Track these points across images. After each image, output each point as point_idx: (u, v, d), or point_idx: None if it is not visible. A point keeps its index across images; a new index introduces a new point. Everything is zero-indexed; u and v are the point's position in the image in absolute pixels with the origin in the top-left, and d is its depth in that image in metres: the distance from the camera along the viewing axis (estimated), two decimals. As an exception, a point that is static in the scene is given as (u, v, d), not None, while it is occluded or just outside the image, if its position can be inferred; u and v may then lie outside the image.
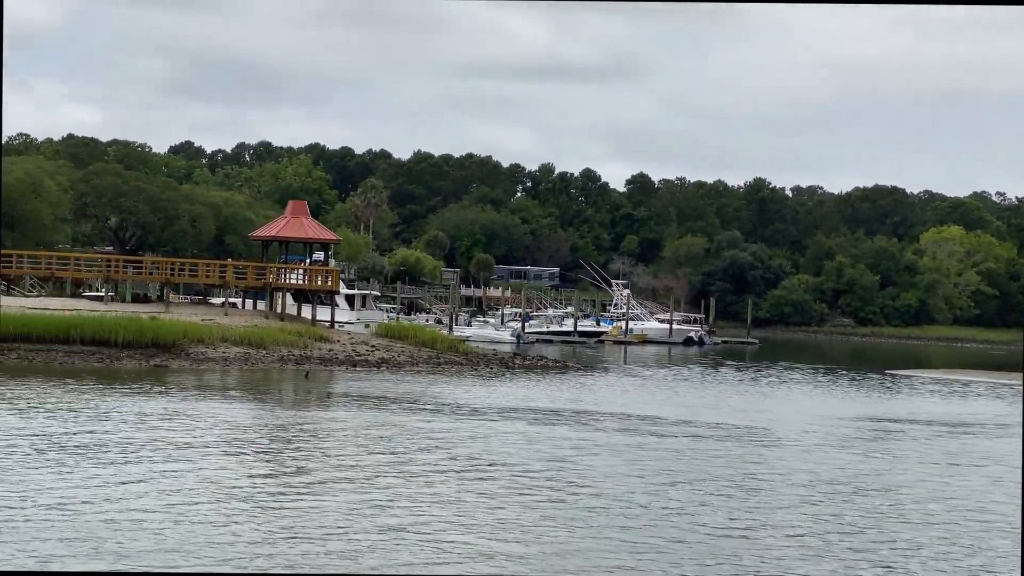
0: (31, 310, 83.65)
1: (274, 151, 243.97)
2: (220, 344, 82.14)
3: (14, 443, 40.69)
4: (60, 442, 41.70)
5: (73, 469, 36.36)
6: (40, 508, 30.15)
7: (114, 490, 33.04)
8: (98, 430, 45.18)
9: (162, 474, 35.96)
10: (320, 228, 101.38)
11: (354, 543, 27.77)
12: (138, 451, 40.59)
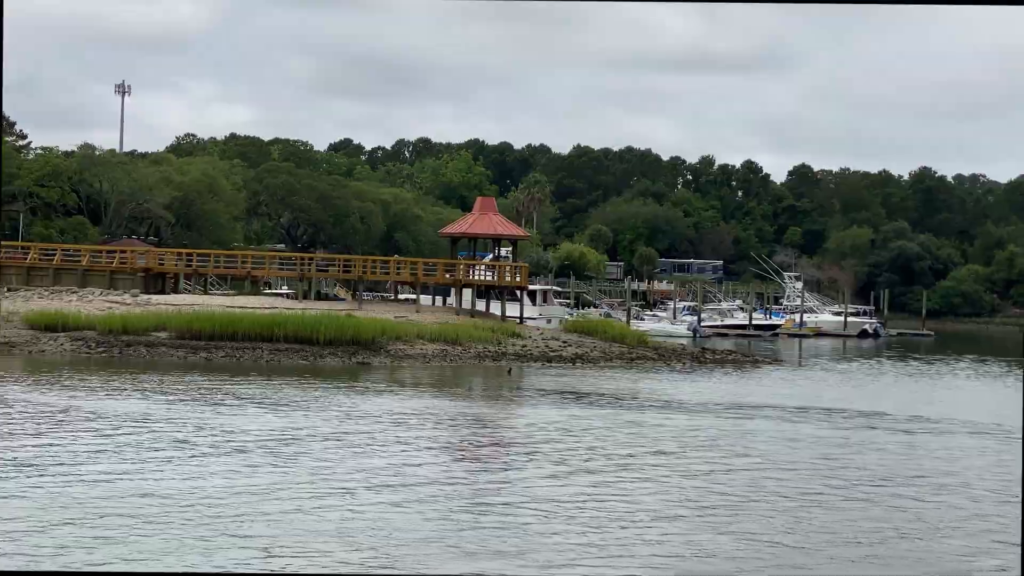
0: (231, 308, 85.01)
1: (433, 147, 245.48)
2: (417, 341, 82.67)
3: (296, 438, 41.20)
4: (341, 438, 42.28)
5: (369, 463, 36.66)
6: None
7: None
8: (367, 428, 45.52)
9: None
10: (509, 224, 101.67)
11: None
12: (426, 449, 40.88)
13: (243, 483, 33.24)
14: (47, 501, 29.66)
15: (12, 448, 37.58)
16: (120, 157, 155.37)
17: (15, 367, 66.70)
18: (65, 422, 44.28)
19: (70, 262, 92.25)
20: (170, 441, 40.58)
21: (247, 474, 34.77)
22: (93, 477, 33.23)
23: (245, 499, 30.83)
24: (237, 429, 44.10)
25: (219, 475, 34.35)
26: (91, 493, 30.74)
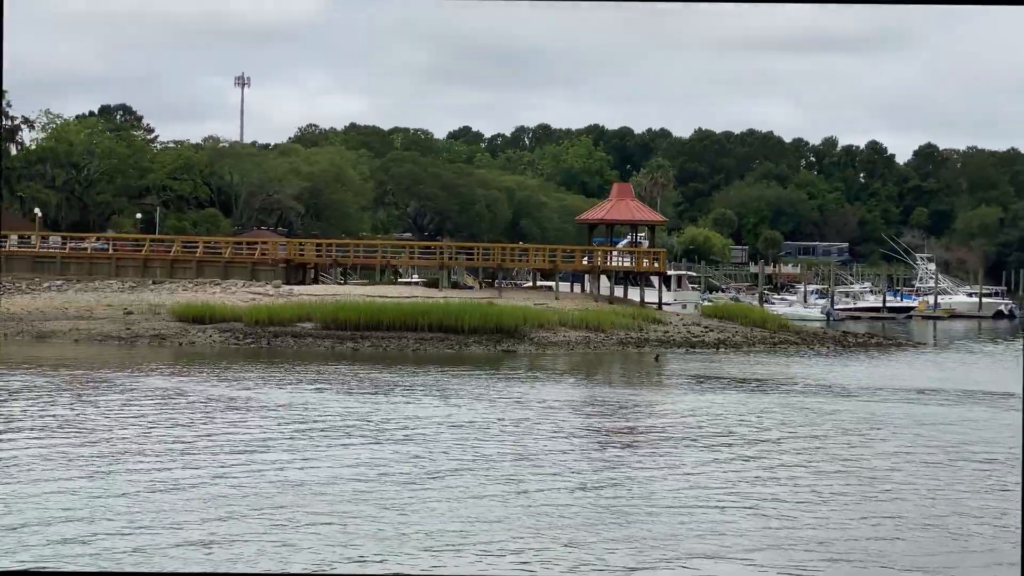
0: (372, 298, 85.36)
1: (553, 133, 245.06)
2: (559, 328, 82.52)
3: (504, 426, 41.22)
4: (517, 424, 42.26)
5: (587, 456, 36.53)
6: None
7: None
8: (537, 416, 45.44)
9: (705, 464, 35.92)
10: (646, 209, 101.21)
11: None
12: (644, 440, 40.75)
13: (431, 469, 33.25)
14: (309, 489, 29.85)
15: (234, 442, 37.92)
16: (249, 149, 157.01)
17: (175, 359, 67.42)
18: (256, 413, 44.65)
19: (212, 254, 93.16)
20: (359, 431, 40.72)
21: (435, 462, 34.77)
22: (307, 465, 33.47)
23: (435, 490, 30.79)
24: (416, 418, 44.18)
25: (409, 462, 34.38)
26: (314, 477, 30.90)
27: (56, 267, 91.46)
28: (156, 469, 32.89)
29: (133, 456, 34.81)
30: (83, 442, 36.98)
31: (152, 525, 26.25)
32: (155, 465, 33.46)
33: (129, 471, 32.44)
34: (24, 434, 38.56)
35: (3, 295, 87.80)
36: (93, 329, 79.87)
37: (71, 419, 41.95)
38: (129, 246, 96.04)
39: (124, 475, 31.85)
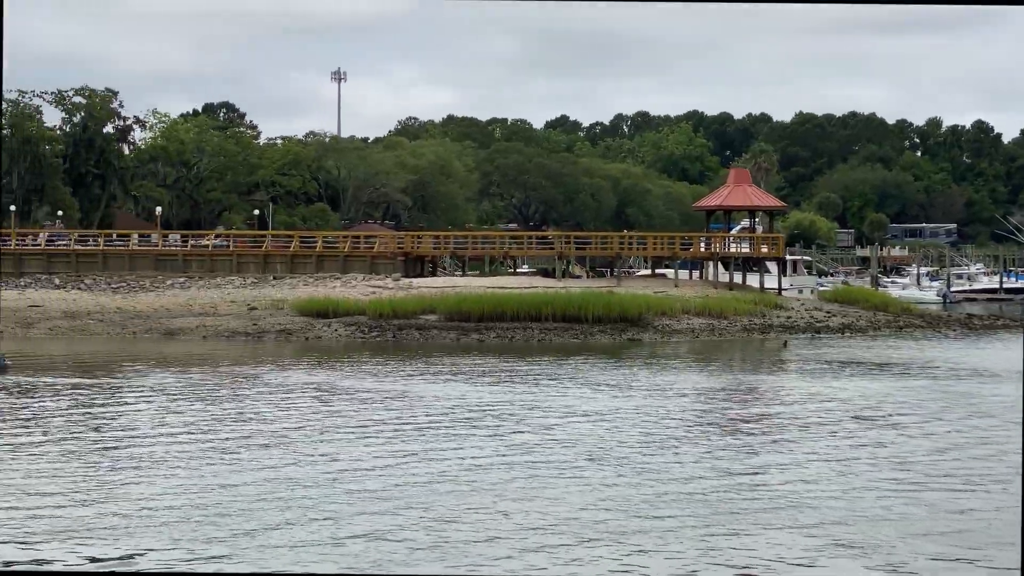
0: (492, 289, 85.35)
1: (652, 120, 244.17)
2: (682, 316, 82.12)
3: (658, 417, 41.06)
4: (675, 414, 42.02)
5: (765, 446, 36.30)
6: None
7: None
8: (687, 404, 45.21)
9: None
10: (764, 195, 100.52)
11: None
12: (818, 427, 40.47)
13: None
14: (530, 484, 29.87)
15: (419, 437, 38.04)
16: (356, 143, 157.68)
17: (306, 353, 67.73)
18: (418, 406, 44.67)
19: (331, 249, 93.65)
20: (518, 421, 40.71)
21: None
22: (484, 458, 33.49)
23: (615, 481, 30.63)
24: (569, 407, 44.08)
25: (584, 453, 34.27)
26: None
27: (178, 265, 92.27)
28: (339, 459, 33.07)
29: (318, 448, 35.04)
30: (266, 437, 37.28)
31: (358, 512, 26.34)
32: (340, 456, 33.65)
33: (321, 462, 32.69)
34: (209, 429, 38.89)
35: (128, 293, 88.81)
36: (220, 326, 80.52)
37: (247, 414, 42.33)
38: (249, 242, 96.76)
39: (317, 466, 32.09)
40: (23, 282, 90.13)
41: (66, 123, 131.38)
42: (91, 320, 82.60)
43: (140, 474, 31.51)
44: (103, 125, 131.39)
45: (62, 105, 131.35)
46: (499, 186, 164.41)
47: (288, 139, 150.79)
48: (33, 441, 36.68)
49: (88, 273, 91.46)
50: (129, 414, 42.71)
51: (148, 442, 36.56)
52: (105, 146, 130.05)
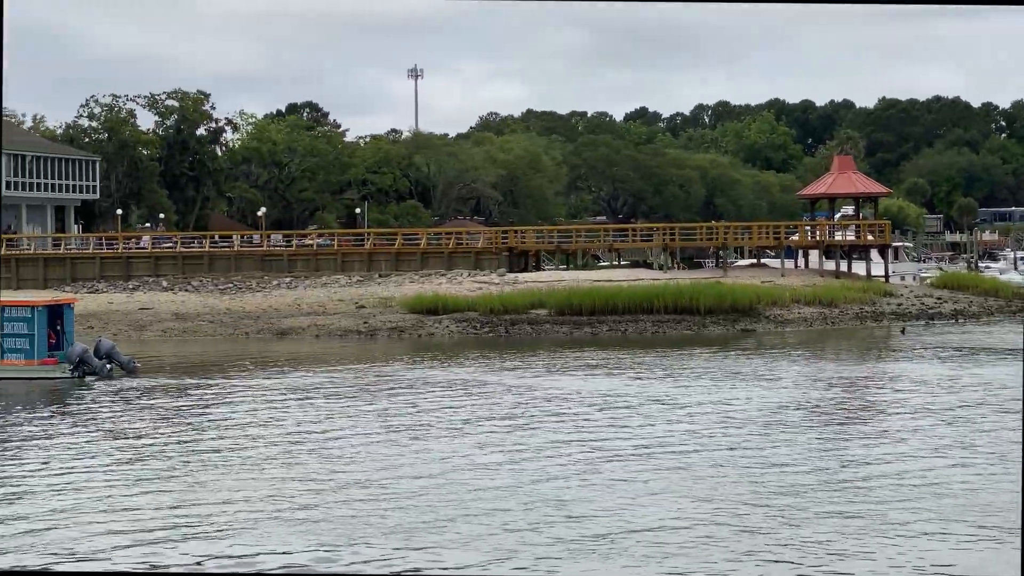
0: (598, 283, 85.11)
1: (733, 110, 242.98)
2: (793, 305, 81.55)
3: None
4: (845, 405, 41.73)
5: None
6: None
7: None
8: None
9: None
10: (869, 181, 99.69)
11: None
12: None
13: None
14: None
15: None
16: (444, 140, 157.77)
17: (426, 350, 67.82)
18: (568, 400, 44.66)
19: (435, 246, 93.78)
20: (667, 413, 40.57)
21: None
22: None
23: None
24: (708, 400, 43.90)
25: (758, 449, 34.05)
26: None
27: (283, 265, 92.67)
28: (512, 454, 33.06)
29: (500, 442, 35.10)
30: (445, 429, 37.43)
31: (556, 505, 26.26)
32: (517, 452, 33.69)
33: (508, 458, 32.73)
34: (383, 424, 39.04)
35: (235, 294, 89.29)
36: (331, 325, 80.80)
37: (414, 410, 42.56)
38: (353, 241, 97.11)
39: (509, 465, 32.13)
40: (131, 285, 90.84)
41: (159, 126, 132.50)
42: (202, 322, 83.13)
43: (335, 469, 31.58)
44: (196, 127, 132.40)
45: (155, 108, 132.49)
46: (587, 179, 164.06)
47: (377, 137, 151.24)
48: (210, 440, 36.90)
49: (195, 275, 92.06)
50: (294, 413, 42.90)
51: (338, 438, 36.69)
52: (199, 148, 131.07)
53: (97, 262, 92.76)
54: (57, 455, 34.88)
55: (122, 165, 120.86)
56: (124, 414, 43.78)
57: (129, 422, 41.64)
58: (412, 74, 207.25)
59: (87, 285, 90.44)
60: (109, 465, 33.32)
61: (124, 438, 38.15)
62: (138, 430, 39.72)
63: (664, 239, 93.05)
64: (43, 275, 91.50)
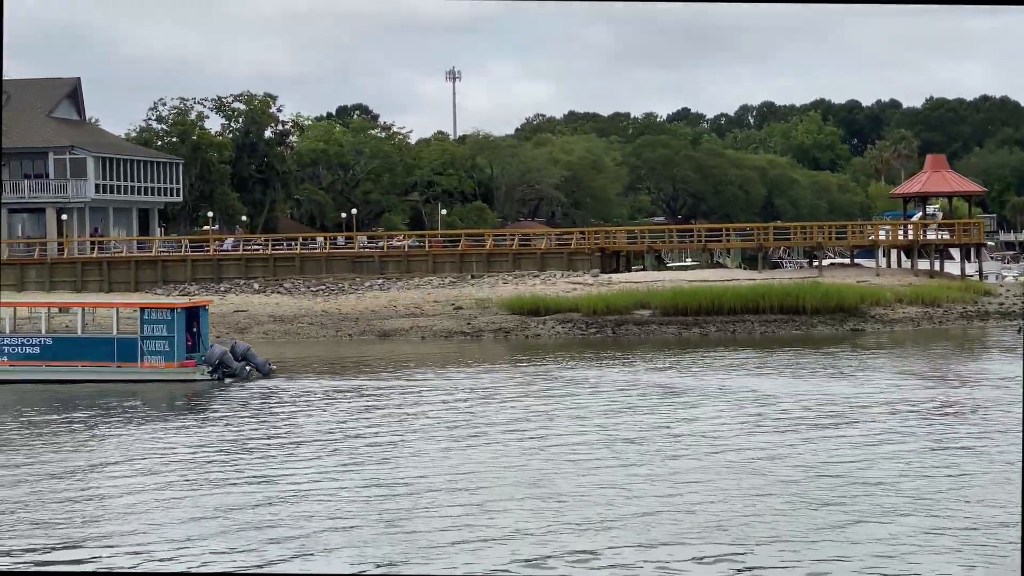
0: (693, 283, 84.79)
1: (778, 110, 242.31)
2: (896, 305, 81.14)
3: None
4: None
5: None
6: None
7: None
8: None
9: None
10: (963, 180, 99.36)
11: None
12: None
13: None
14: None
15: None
16: (508, 140, 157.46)
17: (540, 350, 67.54)
18: (728, 400, 44.37)
19: (526, 247, 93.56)
20: (810, 416, 40.26)
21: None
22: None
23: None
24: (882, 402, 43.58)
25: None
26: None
27: (375, 266, 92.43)
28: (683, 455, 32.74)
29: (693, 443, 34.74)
30: (639, 431, 37.09)
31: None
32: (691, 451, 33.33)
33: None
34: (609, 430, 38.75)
35: (328, 296, 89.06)
36: (433, 326, 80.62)
37: (606, 409, 42.35)
38: (443, 242, 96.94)
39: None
40: (223, 287, 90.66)
41: (226, 129, 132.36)
42: (301, 324, 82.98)
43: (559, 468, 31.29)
44: (264, 129, 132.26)
45: (221, 111, 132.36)
46: (646, 180, 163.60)
47: (441, 138, 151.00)
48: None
49: (286, 277, 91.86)
50: (462, 410, 42.65)
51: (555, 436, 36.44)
52: (267, 150, 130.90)
53: (188, 264, 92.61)
54: (312, 463, 34.01)
55: (194, 168, 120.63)
56: (319, 413, 43.52)
57: (341, 423, 41.17)
58: (450, 76, 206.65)
59: (178, 287, 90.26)
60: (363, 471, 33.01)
61: (362, 442, 37.76)
62: (369, 432, 39.29)
63: (760, 239, 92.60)
64: (134, 277, 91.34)
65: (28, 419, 43.94)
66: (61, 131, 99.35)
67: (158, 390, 52.56)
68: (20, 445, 37.81)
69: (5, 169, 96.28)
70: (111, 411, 45.81)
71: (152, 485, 30.63)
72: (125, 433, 40.45)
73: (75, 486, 30.74)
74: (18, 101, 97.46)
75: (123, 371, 55.26)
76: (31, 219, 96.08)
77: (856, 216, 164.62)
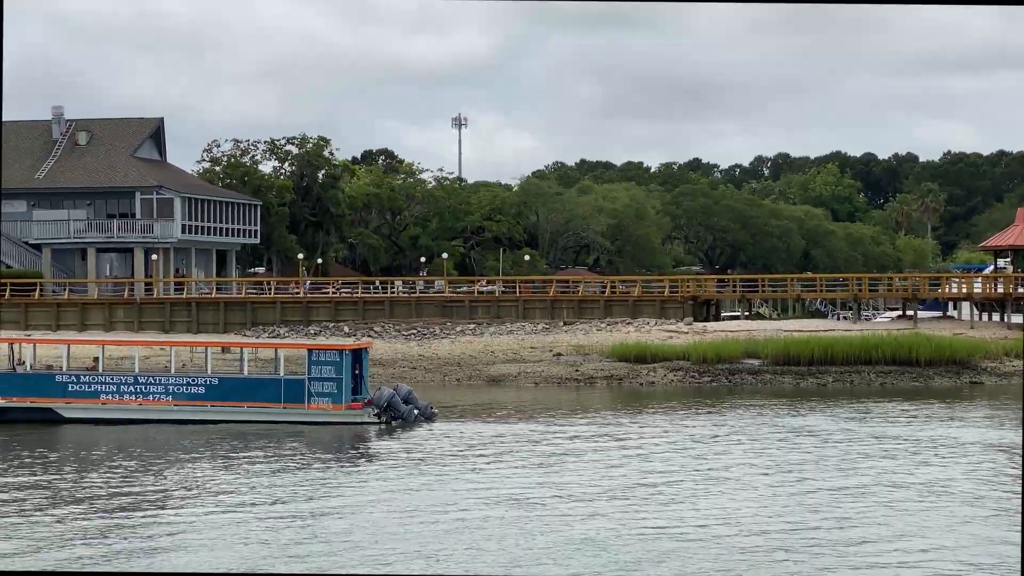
0: (789, 332, 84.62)
1: (793, 162, 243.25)
2: (1004, 357, 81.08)
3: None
4: None
5: None
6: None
7: None
8: None
9: None
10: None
11: None
12: None
13: None
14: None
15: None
16: (554, 187, 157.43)
17: (674, 399, 67.20)
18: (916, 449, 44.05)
19: (620, 293, 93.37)
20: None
21: None
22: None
23: None
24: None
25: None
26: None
27: (464, 311, 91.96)
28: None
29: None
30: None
31: None
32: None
33: None
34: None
35: (422, 340, 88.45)
36: (541, 372, 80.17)
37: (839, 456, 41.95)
38: (531, 287, 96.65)
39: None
40: (312, 330, 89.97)
41: (277, 171, 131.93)
42: (403, 368, 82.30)
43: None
44: (317, 172, 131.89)
45: (275, 154, 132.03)
46: (686, 228, 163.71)
47: (489, 184, 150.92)
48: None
49: (375, 320, 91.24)
50: (710, 456, 42.24)
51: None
52: (322, 193, 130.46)
53: (277, 307, 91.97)
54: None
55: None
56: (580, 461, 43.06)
57: (614, 467, 40.77)
58: (456, 123, 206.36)
59: (267, 329, 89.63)
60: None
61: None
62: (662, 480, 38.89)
63: (855, 290, 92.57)
64: (223, 319, 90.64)
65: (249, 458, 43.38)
66: (147, 171, 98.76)
67: (324, 432, 52.02)
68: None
69: (90, 208, 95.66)
70: (343, 454, 45.33)
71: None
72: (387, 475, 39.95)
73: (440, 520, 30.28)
74: (102, 140, 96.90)
75: (289, 412, 54.64)
76: (119, 259, 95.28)
77: (890, 268, 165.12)
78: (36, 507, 34.31)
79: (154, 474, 40.85)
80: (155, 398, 55.35)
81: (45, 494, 36.51)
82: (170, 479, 39.71)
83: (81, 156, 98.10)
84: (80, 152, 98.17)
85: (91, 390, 55.57)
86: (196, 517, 32.36)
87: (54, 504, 34.81)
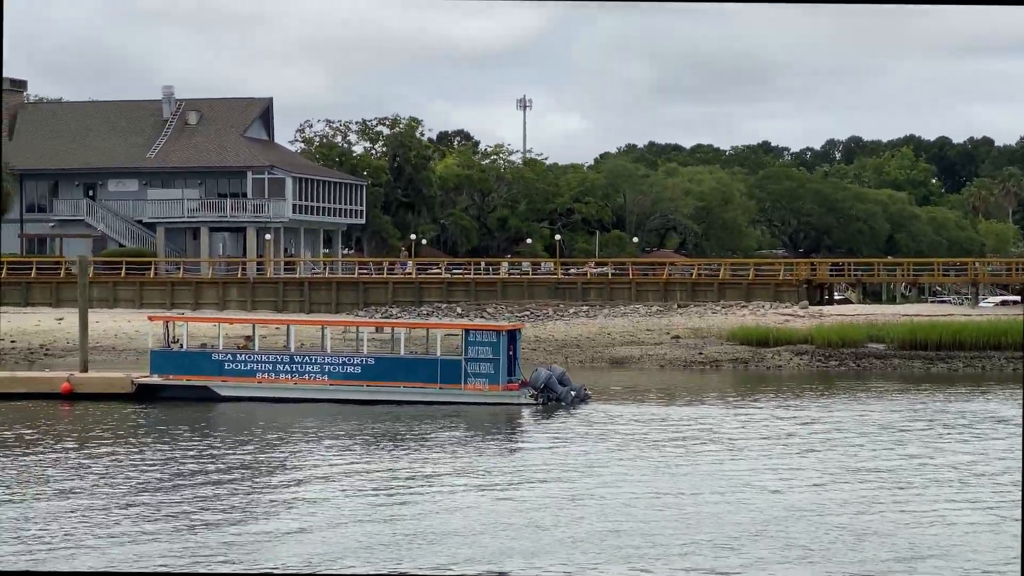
0: (907, 317, 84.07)
1: (865, 146, 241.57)
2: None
3: None
4: None
5: None
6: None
7: None
8: None
9: None
10: None
11: None
12: None
13: None
14: None
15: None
16: (642, 170, 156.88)
17: (819, 383, 66.74)
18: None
19: (735, 276, 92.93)
20: None
21: None
22: None
23: None
24: None
25: None
26: None
27: (577, 293, 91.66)
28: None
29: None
30: None
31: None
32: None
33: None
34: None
35: (535, 322, 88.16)
36: (664, 355, 79.72)
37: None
38: (642, 269, 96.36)
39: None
40: (424, 311, 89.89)
41: (368, 152, 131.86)
42: (523, 350, 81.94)
43: None
44: (410, 153, 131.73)
45: (367, 135, 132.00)
46: (771, 212, 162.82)
47: (577, 166, 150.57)
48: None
49: (488, 301, 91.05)
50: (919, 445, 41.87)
51: None
52: (414, 174, 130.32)
53: (390, 287, 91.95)
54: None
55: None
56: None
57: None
58: (521, 104, 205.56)
59: (379, 310, 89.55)
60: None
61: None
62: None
63: (974, 274, 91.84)
64: (335, 299, 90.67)
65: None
66: (257, 151, 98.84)
67: (481, 412, 51.85)
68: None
69: (201, 187, 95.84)
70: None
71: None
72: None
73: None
74: (212, 120, 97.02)
75: (446, 392, 54.44)
76: (231, 238, 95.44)
77: (973, 253, 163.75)
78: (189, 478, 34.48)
79: (320, 453, 41.07)
80: (311, 377, 55.25)
81: (202, 465, 36.77)
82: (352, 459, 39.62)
83: (191, 136, 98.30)
84: (190, 132, 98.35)
85: (247, 368, 55.55)
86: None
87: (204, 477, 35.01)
